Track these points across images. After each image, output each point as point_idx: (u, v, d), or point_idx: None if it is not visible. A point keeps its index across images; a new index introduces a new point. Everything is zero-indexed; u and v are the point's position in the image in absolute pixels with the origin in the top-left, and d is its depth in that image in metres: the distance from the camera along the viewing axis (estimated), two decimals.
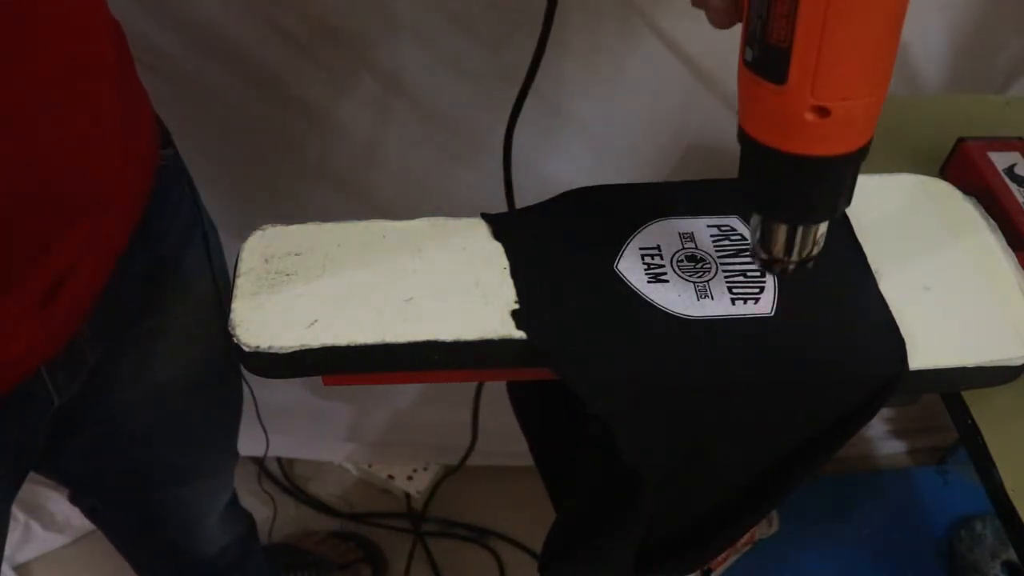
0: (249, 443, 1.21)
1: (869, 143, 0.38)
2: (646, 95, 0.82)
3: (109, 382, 0.63)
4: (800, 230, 0.41)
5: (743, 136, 0.39)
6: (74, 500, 0.84)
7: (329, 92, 0.81)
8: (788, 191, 0.40)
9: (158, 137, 0.59)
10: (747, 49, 0.37)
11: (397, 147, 0.87)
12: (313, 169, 0.89)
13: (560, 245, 0.48)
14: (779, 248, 0.42)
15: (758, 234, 0.43)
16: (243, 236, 0.48)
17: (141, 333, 0.63)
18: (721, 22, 0.40)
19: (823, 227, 0.42)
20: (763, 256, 0.43)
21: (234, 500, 0.94)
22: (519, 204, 0.51)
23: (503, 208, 0.65)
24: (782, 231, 0.42)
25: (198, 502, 0.85)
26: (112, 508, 0.84)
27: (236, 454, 0.88)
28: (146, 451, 0.74)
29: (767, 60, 0.36)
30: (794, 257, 0.42)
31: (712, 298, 0.46)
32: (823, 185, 0.39)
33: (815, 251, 0.42)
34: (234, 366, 0.78)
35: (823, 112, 0.36)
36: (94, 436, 0.69)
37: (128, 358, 0.64)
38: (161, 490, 0.79)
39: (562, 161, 0.88)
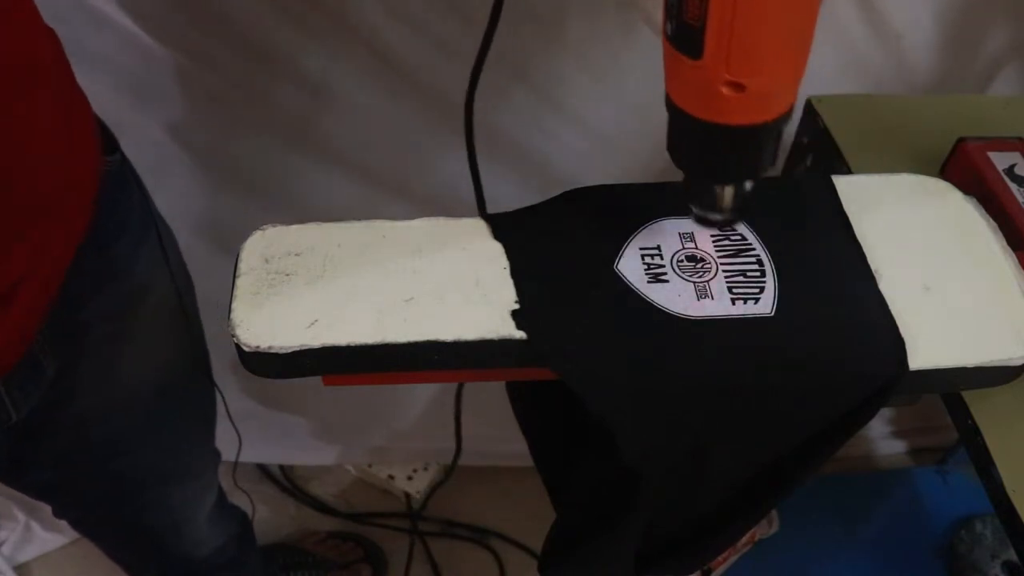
0: (246, 450, 1.21)
1: (790, 110, 0.40)
2: (646, 91, 0.82)
3: (72, 391, 0.62)
4: (725, 188, 0.44)
5: (669, 102, 0.41)
6: (58, 514, 0.83)
7: (324, 69, 0.81)
8: (710, 154, 0.42)
9: (101, 143, 0.58)
10: (667, 23, 0.38)
11: (393, 127, 0.87)
12: (310, 144, 0.89)
13: (560, 245, 0.48)
14: (706, 203, 0.45)
15: (689, 190, 0.45)
16: (247, 220, 0.49)
17: (101, 339, 0.62)
18: None
19: (747, 185, 0.44)
20: (695, 211, 0.45)
21: (222, 500, 0.93)
22: (520, 200, 0.51)
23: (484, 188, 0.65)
24: (709, 188, 0.44)
25: (182, 505, 0.84)
26: (96, 518, 0.83)
27: (217, 453, 0.87)
28: (121, 458, 0.73)
29: (683, 36, 0.37)
30: (722, 211, 0.45)
31: (712, 298, 0.46)
32: (743, 150, 0.41)
33: (738, 206, 0.45)
34: (203, 365, 0.78)
35: (738, 87, 0.37)
36: (65, 446, 0.68)
37: (90, 365, 0.63)
38: (142, 496, 0.79)
39: (563, 157, 0.89)
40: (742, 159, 0.42)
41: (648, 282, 0.46)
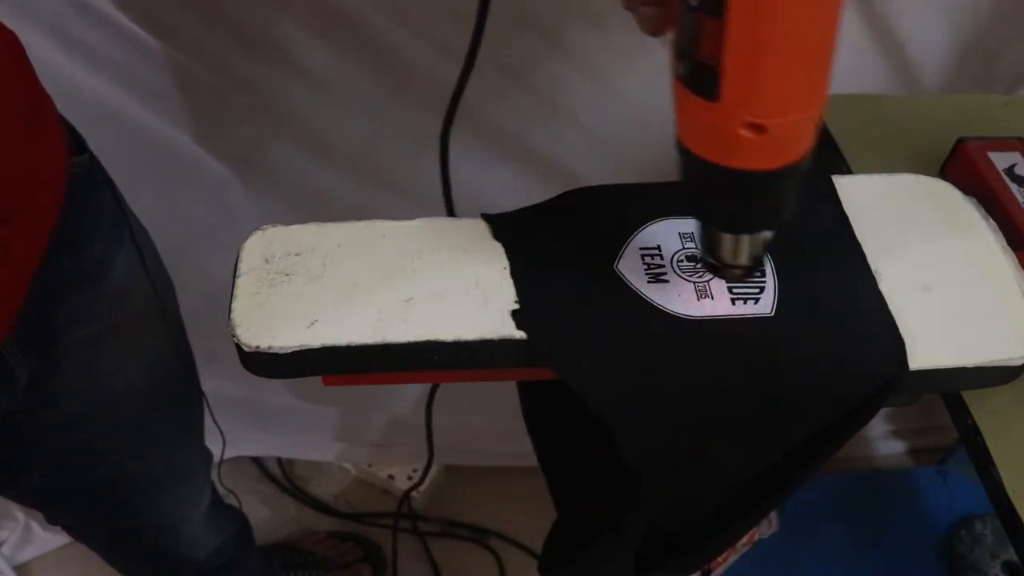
0: (246, 443, 1.21)
1: (809, 154, 0.37)
2: (647, 96, 0.82)
3: (54, 396, 0.62)
4: (744, 238, 0.41)
5: (680, 147, 0.38)
6: (50, 521, 0.83)
7: (324, 69, 0.81)
8: (727, 202, 0.39)
9: (67, 145, 0.58)
10: (678, 63, 0.36)
11: (392, 126, 0.87)
12: (304, 141, 0.89)
13: (560, 245, 0.48)
14: (724, 254, 0.42)
15: (703, 240, 0.43)
16: (242, 214, 0.48)
17: (79, 343, 0.61)
18: (651, 29, 0.38)
19: (767, 234, 0.41)
20: (709, 260, 0.43)
21: (217, 501, 0.93)
22: (525, 201, 0.51)
23: (478, 185, 0.65)
24: (725, 239, 0.42)
25: (174, 508, 0.83)
26: (88, 524, 0.83)
27: (208, 454, 0.87)
28: (108, 463, 0.72)
29: (698, 77, 0.35)
30: (740, 263, 0.43)
31: (712, 298, 0.46)
32: (762, 198, 0.39)
33: (760, 255, 0.43)
34: (187, 366, 0.77)
35: (758, 128, 0.34)
36: (51, 452, 0.68)
37: (70, 370, 0.62)
38: (134, 500, 0.78)
39: (565, 160, 0.89)
40: (763, 206, 0.39)
41: (648, 282, 0.46)
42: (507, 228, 0.49)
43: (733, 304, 0.46)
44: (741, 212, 0.40)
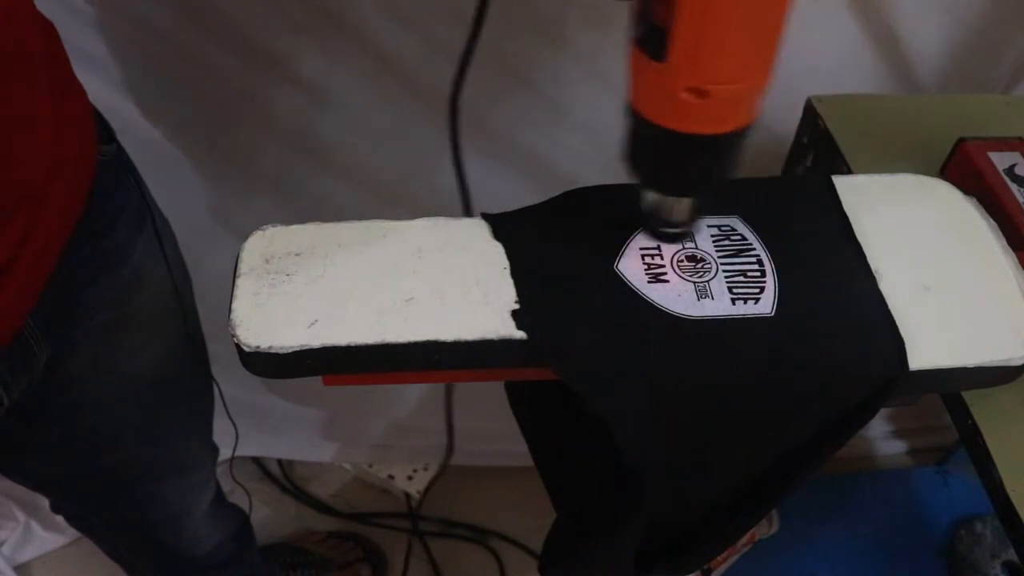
0: (246, 443, 1.21)
1: (750, 124, 0.40)
2: None
3: (68, 379, 0.63)
4: (680, 200, 0.43)
5: (628, 108, 0.41)
6: (55, 508, 0.83)
7: (323, 71, 0.81)
8: (666, 164, 0.42)
9: (96, 133, 0.59)
10: (635, 25, 0.38)
11: (391, 129, 0.87)
12: (306, 147, 0.89)
13: (560, 245, 0.48)
14: (659, 215, 0.45)
15: (645, 201, 0.45)
16: (242, 219, 0.49)
17: (96, 328, 0.62)
18: None
19: (699, 197, 0.44)
20: (648, 223, 0.45)
21: (221, 497, 0.93)
22: (524, 203, 0.51)
23: (482, 187, 0.65)
24: (663, 200, 0.44)
25: (179, 500, 0.84)
26: (92, 512, 0.83)
27: (214, 448, 0.87)
28: (117, 449, 0.73)
29: (649, 38, 0.37)
30: (673, 224, 0.45)
31: (712, 298, 0.46)
32: (699, 161, 0.41)
33: (693, 220, 0.45)
34: (199, 358, 0.78)
35: (701, 93, 0.37)
36: (62, 436, 0.68)
37: (85, 354, 0.63)
38: (138, 489, 0.79)
39: (566, 160, 0.89)
40: (696, 170, 0.41)
41: (648, 282, 0.46)
42: (507, 228, 0.49)
43: (733, 304, 0.46)
44: (675, 174, 0.42)
